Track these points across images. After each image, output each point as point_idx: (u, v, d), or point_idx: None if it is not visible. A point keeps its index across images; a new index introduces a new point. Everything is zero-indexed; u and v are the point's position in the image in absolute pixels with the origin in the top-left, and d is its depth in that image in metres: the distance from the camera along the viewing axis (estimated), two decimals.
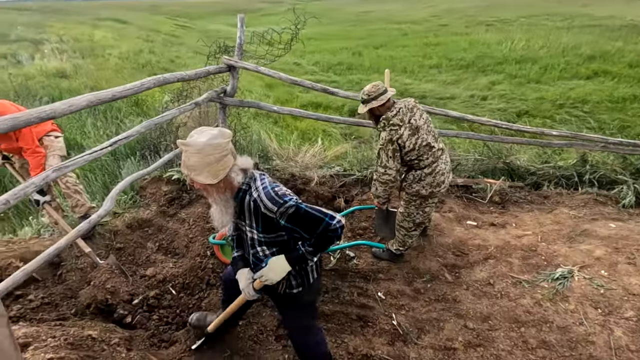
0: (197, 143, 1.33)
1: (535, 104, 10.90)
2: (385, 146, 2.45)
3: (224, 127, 3.63)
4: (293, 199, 1.45)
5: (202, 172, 1.35)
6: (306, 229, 1.46)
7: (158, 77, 2.27)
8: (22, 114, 1.39)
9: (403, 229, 2.82)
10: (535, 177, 3.99)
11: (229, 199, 1.47)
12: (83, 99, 1.67)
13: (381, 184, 2.58)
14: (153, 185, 3.51)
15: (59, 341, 1.84)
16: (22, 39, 13.21)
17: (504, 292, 2.65)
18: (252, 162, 1.51)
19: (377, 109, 2.48)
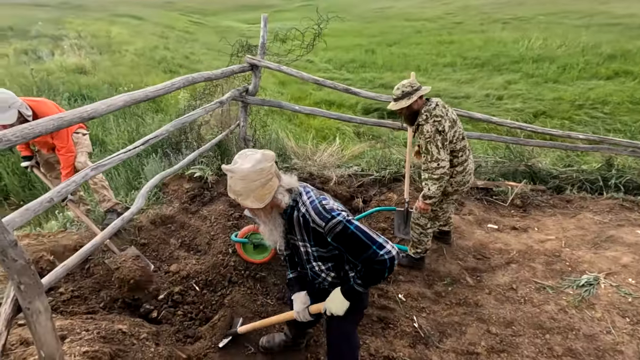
0: (242, 170, 1.32)
1: (553, 105, 10.69)
2: (433, 138, 2.37)
3: (245, 125, 3.67)
4: (342, 214, 1.41)
5: (249, 197, 1.35)
6: (351, 251, 1.42)
7: (187, 77, 2.30)
8: (67, 114, 1.43)
9: (419, 227, 2.77)
10: (557, 181, 3.92)
11: (277, 218, 1.48)
12: (120, 99, 1.71)
13: (435, 180, 2.43)
14: (175, 182, 3.56)
15: (92, 334, 1.89)
16: (42, 35, 13.46)
17: (527, 298, 2.63)
18: (296, 180, 1.49)
19: (417, 103, 2.44)
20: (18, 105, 2.39)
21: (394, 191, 3.99)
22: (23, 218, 1.31)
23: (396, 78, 13.48)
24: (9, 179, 4.46)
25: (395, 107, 2.46)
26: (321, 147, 4.75)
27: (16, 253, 1.21)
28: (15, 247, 1.20)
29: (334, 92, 11.83)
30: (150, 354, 2.00)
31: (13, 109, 2.35)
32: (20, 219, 1.30)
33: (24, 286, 1.27)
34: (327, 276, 1.65)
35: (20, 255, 1.22)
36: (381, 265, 1.40)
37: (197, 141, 3.75)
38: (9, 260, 1.20)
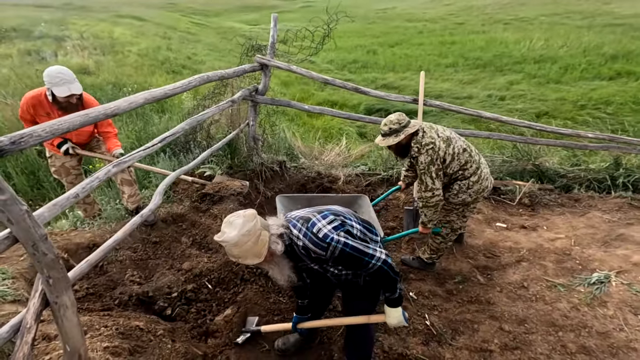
0: (232, 238, 1.42)
1: (556, 105, 10.70)
2: (427, 169, 2.35)
3: (255, 125, 3.68)
4: (334, 237, 1.50)
5: (248, 257, 1.45)
6: (353, 268, 1.61)
7: (202, 76, 2.32)
8: (91, 111, 1.45)
9: (440, 237, 2.78)
10: (565, 180, 3.94)
11: (281, 260, 1.58)
12: (140, 97, 1.73)
13: (431, 207, 2.47)
14: (185, 181, 3.57)
15: (111, 330, 1.91)
16: (45, 35, 13.50)
17: (539, 296, 2.64)
18: (281, 221, 1.57)
19: (406, 138, 2.37)
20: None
21: (401, 190, 4.00)
22: (51, 213, 1.33)
23: (398, 78, 13.51)
24: (18, 179, 4.48)
25: (383, 144, 2.41)
26: (328, 147, 4.77)
27: (46, 247, 1.23)
28: (45, 241, 1.22)
29: (336, 93, 11.86)
30: (167, 350, 2.02)
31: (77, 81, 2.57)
32: (48, 214, 1.32)
33: (52, 280, 1.28)
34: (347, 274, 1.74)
35: (50, 250, 1.24)
36: (380, 270, 1.56)
37: (206, 140, 3.77)
38: (39, 254, 1.22)
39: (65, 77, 2.51)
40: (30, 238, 1.18)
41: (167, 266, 2.80)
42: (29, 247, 1.21)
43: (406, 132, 2.34)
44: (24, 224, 1.15)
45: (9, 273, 2.27)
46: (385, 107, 10.22)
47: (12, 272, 2.33)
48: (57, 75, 2.49)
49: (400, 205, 3.77)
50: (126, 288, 2.51)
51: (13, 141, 1.16)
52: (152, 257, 2.91)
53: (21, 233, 1.16)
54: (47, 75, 2.51)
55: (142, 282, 2.64)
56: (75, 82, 2.55)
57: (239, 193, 3.24)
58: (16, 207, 1.12)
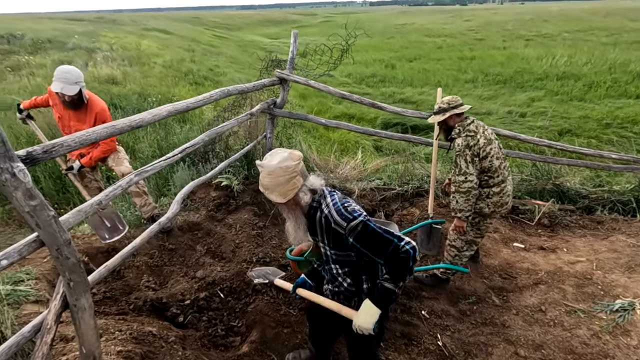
0: (270, 166, 1.43)
1: (579, 123, 10.43)
2: (462, 152, 2.43)
3: (272, 138, 3.75)
4: (362, 215, 1.46)
5: (274, 192, 1.45)
6: (374, 249, 1.44)
7: (223, 90, 2.41)
8: (118, 123, 1.52)
9: (454, 249, 2.76)
10: (587, 201, 3.82)
11: (300, 216, 1.54)
12: (164, 110, 1.80)
13: (462, 194, 2.46)
14: (202, 190, 3.66)
15: (125, 335, 1.95)
16: (77, 47, 14.22)
17: (557, 321, 2.54)
18: (322, 182, 1.55)
19: (453, 119, 2.53)
20: (82, 85, 2.74)
21: (416, 206, 3.97)
22: (76, 219, 1.40)
23: (416, 93, 13.50)
24: (46, 183, 4.68)
25: (431, 120, 2.63)
26: (343, 160, 4.80)
27: (69, 251, 1.28)
28: (69, 246, 1.28)
29: (353, 106, 11.93)
30: (178, 357, 2.04)
31: (78, 86, 2.69)
32: (73, 219, 1.39)
33: (73, 283, 1.34)
34: (344, 281, 1.65)
35: (73, 254, 1.30)
36: (405, 254, 1.39)
37: (224, 151, 3.86)
38: (62, 258, 1.28)
39: (67, 76, 2.65)
40: (55, 242, 1.25)
41: (181, 273, 2.85)
42: (53, 251, 1.27)
43: (452, 112, 2.51)
44: (51, 229, 1.21)
45: (32, 274, 2.36)
46: (402, 122, 10.21)
47: (36, 273, 2.43)
48: (63, 72, 2.65)
49: (414, 221, 3.73)
50: (141, 293, 2.57)
51: (45, 150, 1.24)
52: (167, 264, 2.97)
53: (47, 237, 1.23)
54: (56, 70, 2.70)
55: (157, 288, 2.69)
56: (73, 85, 2.66)
57: None
58: (44, 213, 1.19)
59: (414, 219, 3.79)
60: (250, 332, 2.46)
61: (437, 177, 4.23)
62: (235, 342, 2.42)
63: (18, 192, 1.11)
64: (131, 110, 7.63)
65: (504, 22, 26.82)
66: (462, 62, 17.46)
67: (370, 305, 1.49)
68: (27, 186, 1.12)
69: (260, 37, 27.83)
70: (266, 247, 3.21)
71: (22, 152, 1.17)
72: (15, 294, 2.08)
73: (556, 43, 19.72)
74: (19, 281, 2.24)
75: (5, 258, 1.16)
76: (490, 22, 27.23)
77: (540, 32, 22.77)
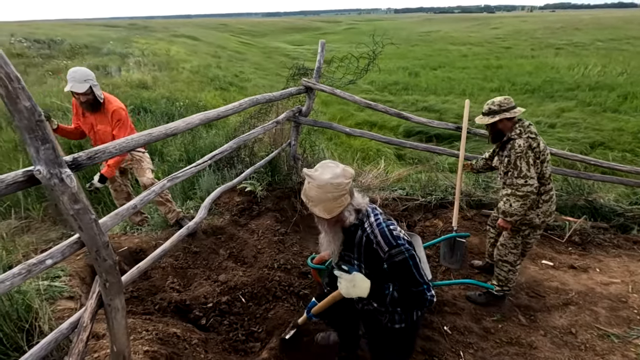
0: (321, 179, 1.37)
1: (612, 135, 10.00)
2: (525, 153, 2.29)
3: (296, 144, 3.80)
4: (405, 245, 1.44)
5: (318, 205, 1.39)
6: (402, 282, 1.45)
7: (252, 98, 2.47)
8: (154, 131, 1.59)
9: (507, 264, 2.63)
10: (622, 219, 3.64)
11: (338, 232, 1.50)
12: (196, 118, 1.87)
13: (519, 198, 2.33)
14: (226, 194, 3.74)
15: (152, 335, 2.01)
16: (112, 52, 14.90)
17: (588, 345, 2.43)
18: (367, 201, 1.52)
19: (504, 123, 2.40)
20: (93, 83, 2.77)
21: (439, 218, 3.90)
22: (113, 222, 1.46)
23: (440, 101, 13.33)
24: (80, 182, 4.90)
25: (479, 121, 2.48)
26: (366, 169, 4.79)
27: (107, 253, 1.35)
28: (107, 248, 1.34)
29: (375, 114, 11.90)
30: None
31: (87, 83, 2.73)
32: (111, 222, 1.45)
33: (108, 284, 1.40)
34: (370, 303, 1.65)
35: (110, 256, 1.36)
36: (424, 302, 1.46)
37: (249, 157, 3.93)
38: (100, 260, 1.34)
39: (75, 75, 2.70)
40: (94, 244, 1.31)
41: (204, 276, 2.91)
42: (92, 252, 1.33)
43: (503, 116, 2.37)
44: (92, 232, 1.27)
45: (67, 271, 2.48)
46: (426, 131, 10.09)
47: (69, 270, 2.54)
48: (71, 72, 2.72)
49: (437, 233, 3.67)
50: (166, 294, 2.64)
51: (89, 156, 1.31)
52: (191, 267, 3.04)
53: (88, 239, 1.29)
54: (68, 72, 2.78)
55: (181, 290, 2.76)
56: (82, 83, 2.70)
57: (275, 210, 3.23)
58: (87, 216, 1.25)
59: (436, 231, 3.72)
60: (270, 339, 2.47)
61: (462, 189, 4.15)
62: (255, 347, 2.44)
63: (65, 196, 1.17)
64: (160, 114, 7.90)
65: (533, 30, 26.13)
66: (488, 71, 17.13)
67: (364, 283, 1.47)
68: (72, 191, 1.19)
69: (285, 44, 28.30)
70: (287, 253, 3.23)
71: (68, 158, 1.24)
72: (51, 289, 2.19)
73: (588, 52, 19.03)
74: (55, 277, 2.35)
75: (50, 258, 1.23)
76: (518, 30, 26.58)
77: (571, 41, 22.03)
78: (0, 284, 1.11)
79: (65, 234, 3.70)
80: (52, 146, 1.11)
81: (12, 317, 1.74)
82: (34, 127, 1.05)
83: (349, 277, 1.49)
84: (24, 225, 3.97)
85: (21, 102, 1.00)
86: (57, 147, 1.14)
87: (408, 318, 1.66)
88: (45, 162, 1.10)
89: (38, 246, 2.95)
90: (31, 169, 1.12)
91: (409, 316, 1.66)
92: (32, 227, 4.07)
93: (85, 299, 2.31)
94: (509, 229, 2.53)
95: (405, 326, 1.66)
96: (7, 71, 0.96)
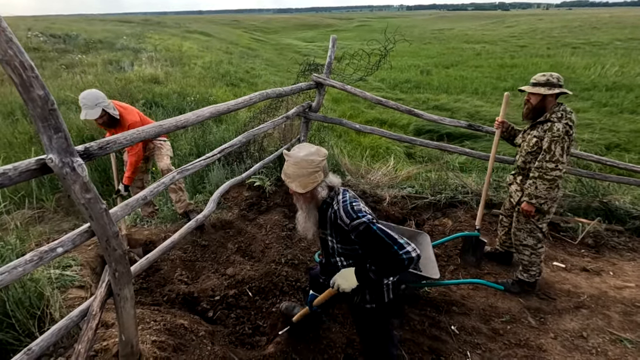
0: (296, 156, 1.52)
1: (630, 137, 9.75)
2: (562, 138, 2.27)
3: (306, 140, 3.79)
4: (366, 217, 1.50)
5: (295, 181, 1.52)
6: (372, 250, 1.51)
7: (262, 93, 2.46)
8: (165, 122, 1.59)
9: (528, 248, 2.67)
10: (638, 222, 3.54)
11: (313, 209, 1.63)
12: (206, 111, 1.87)
13: (547, 181, 2.33)
14: (235, 189, 3.75)
15: (159, 325, 2.04)
16: (125, 47, 15.09)
17: (600, 349, 2.37)
18: (339, 181, 1.65)
19: (551, 99, 2.36)
20: (104, 105, 2.75)
21: (449, 217, 3.86)
22: (123, 212, 1.48)
23: (451, 100, 13.15)
24: (92, 175, 4.99)
25: (530, 90, 2.37)
26: (375, 166, 4.75)
27: (117, 243, 1.36)
28: (116, 238, 1.35)
29: (386, 112, 11.81)
30: (207, 352, 2.10)
31: (99, 107, 2.72)
32: (121, 213, 1.47)
33: (118, 274, 1.41)
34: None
35: (120, 246, 1.37)
36: (398, 263, 1.47)
37: (258, 152, 3.94)
38: (110, 249, 1.35)
39: (85, 102, 2.67)
40: (105, 234, 1.32)
41: (212, 269, 2.93)
42: (103, 242, 1.35)
43: (561, 90, 2.31)
44: (102, 221, 1.29)
45: (78, 260, 2.52)
46: (436, 129, 9.98)
47: (80, 259, 2.59)
48: (81, 100, 2.69)
49: (446, 232, 3.63)
50: (174, 286, 2.67)
51: (100, 147, 1.32)
52: (199, 260, 3.07)
53: (98, 229, 1.31)
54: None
55: (189, 283, 2.79)
56: (94, 108, 2.67)
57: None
58: (97, 205, 1.26)
59: (445, 230, 3.68)
60: (276, 333, 2.48)
61: (473, 189, 4.09)
62: (261, 341, 2.46)
63: (76, 185, 1.18)
64: (171, 109, 7.98)
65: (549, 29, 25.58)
66: (502, 70, 16.83)
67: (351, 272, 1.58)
68: (84, 180, 1.20)
69: (296, 40, 28.25)
70: (295, 249, 3.24)
71: (80, 147, 1.25)
72: (62, 278, 2.23)
73: (606, 52, 18.55)
74: (67, 266, 2.39)
75: (61, 246, 1.25)
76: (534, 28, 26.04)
77: (588, 40, 21.50)
78: (12, 270, 1.13)
79: (77, 225, 3.77)
80: (64, 135, 1.13)
81: (25, 304, 1.78)
82: (47, 116, 1.06)
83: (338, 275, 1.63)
84: (38, 215, 4.05)
85: (35, 90, 1.01)
86: (69, 137, 1.15)
87: (379, 298, 1.72)
88: (58, 150, 1.12)
89: (51, 236, 3.00)
90: (44, 157, 1.14)
91: (379, 296, 1.72)
92: (45, 218, 4.15)
93: (95, 288, 2.35)
94: (532, 212, 2.50)
95: (377, 307, 1.74)
96: (22, 60, 0.97)
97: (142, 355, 1.66)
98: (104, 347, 1.79)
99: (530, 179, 2.42)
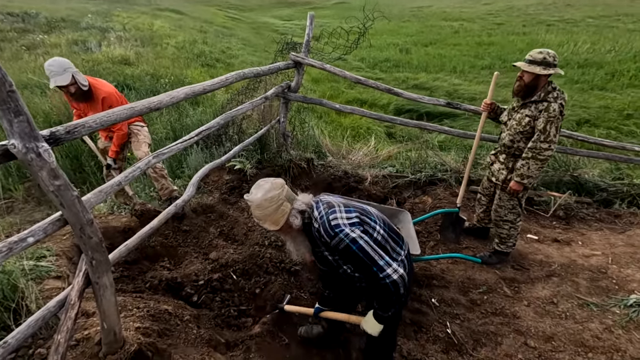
0: (256, 199, 1.49)
1: (599, 113, 10.13)
2: (557, 118, 2.30)
3: (285, 121, 3.74)
4: (345, 231, 1.48)
5: (266, 221, 1.51)
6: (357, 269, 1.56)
7: (239, 72, 2.39)
8: (137, 104, 1.53)
9: (508, 223, 2.79)
10: (605, 194, 3.73)
11: (297, 236, 1.61)
12: (181, 92, 1.80)
13: (539, 161, 2.39)
14: (215, 173, 3.69)
15: (143, 312, 2.02)
16: (91, 26, 14.21)
17: (569, 313, 2.53)
18: (309, 199, 1.61)
19: (545, 80, 2.36)
20: (73, 70, 2.62)
21: (429, 194, 3.94)
22: (97, 199, 1.42)
23: (430, 79, 13.19)
24: (63, 162, 4.77)
25: (526, 68, 2.33)
26: (356, 147, 4.76)
27: (92, 230, 1.31)
28: (91, 225, 1.31)
29: (366, 91, 11.74)
30: (193, 335, 2.10)
31: (68, 72, 2.59)
32: (95, 200, 1.41)
33: (95, 262, 1.37)
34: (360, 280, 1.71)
35: (95, 233, 1.33)
36: (384, 290, 1.50)
37: (238, 134, 3.86)
38: (85, 237, 1.31)
39: (52, 68, 2.56)
40: (78, 221, 1.27)
41: (195, 254, 2.91)
42: (77, 230, 1.30)
43: (555, 70, 2.30)
44: (74, 209, 1.24)
45: (53, 250, 2.44)
46: (416, 108, 10.04)
47: (56, 250, 2.50)
48: (47, 68, 2.57)
49: (426, 209, 3.71)
50: (157, 273, 2.64)
51: (68, 131, 1.25)
52: (181, 245, 3.03)
53: (71, 217, 1.26)
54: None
55: (172, 268, 2.76)
56: (63, 74, 2.56)
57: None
58: (68, 193, 1.21)
59: (425, 208, 3.77)
60: (262, 314, 2.51)
61: (452, 167, 4.17)
62: (247, 322, 2.48)
63: (43, 172, 1.12)
64: (144, 91, 7.65)
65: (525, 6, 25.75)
66: (480, 48, 16.93)
67: (372, 319, 1.65)
68: (51, 166, 1.14)
69: (273, 18, 27.36)
70: None
71: (45, 132, 1.19)
72: (37, 269, 2.16)
73: (579, 29, 18.92)
74: (41, 257, 2.31)
75: (32, 236, 1.20)
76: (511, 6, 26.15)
77: (562, 17, 21.84)
78: None
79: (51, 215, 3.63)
80: (26, 119, 1.06)
81: None
82: (5, 98, 0.99)
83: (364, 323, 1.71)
84: (7, 206, 3.87)
85: None
86: (31, 121, 1.09)
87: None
88: (20, 135, 1.05)
89: (22, 226, 2.88)
90: (5, 143, 1.07)
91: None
92: (15, 208, 3.98)
93: (72, 278, 2.28)
94: (520, 191, 2.58)
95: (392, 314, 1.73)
96: None
97: (126, 341, 1.64)
98: (85, 336, 1.77)
99: (523, 159, 2.45)
